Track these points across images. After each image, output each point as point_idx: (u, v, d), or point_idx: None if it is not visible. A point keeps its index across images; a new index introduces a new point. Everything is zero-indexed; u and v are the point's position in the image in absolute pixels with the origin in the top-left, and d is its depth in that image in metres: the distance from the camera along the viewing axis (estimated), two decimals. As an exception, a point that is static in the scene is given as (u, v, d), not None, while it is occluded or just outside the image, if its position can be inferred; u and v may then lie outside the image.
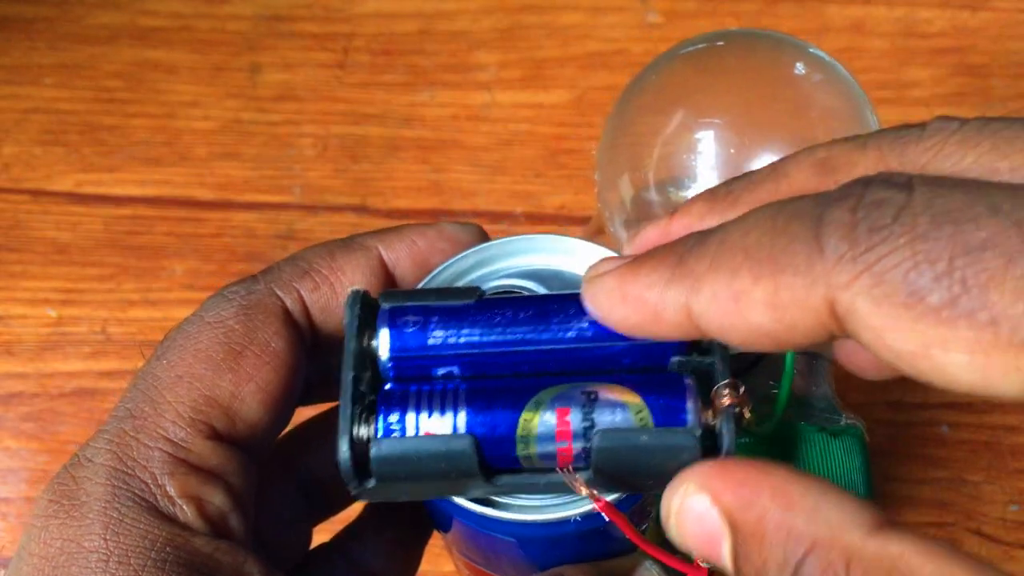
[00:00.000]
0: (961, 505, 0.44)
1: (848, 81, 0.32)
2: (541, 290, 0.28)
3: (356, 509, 0.33)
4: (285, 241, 0.50)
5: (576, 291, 0.24)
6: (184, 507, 0.25)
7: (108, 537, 0.24)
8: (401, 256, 0.29)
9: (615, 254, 0.28)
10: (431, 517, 0.30)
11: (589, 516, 0.25)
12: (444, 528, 0.30)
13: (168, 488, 0.25)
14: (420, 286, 0.28)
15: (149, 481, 0.25)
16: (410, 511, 0.33)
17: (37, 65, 0.55)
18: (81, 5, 0.56)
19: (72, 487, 0.25)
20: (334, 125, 0.53)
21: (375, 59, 0.55)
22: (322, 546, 0.32)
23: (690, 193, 0.31)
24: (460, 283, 0.28)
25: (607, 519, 0.25)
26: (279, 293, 0.27)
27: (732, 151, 0.31)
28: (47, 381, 0.48)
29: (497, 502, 0.26)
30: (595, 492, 0.25)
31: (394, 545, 0.33)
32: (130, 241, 0.50)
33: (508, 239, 0.29)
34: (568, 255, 0.29)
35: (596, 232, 0.42)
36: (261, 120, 0.53)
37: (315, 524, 0.32)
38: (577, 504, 0.25)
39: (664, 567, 0.28)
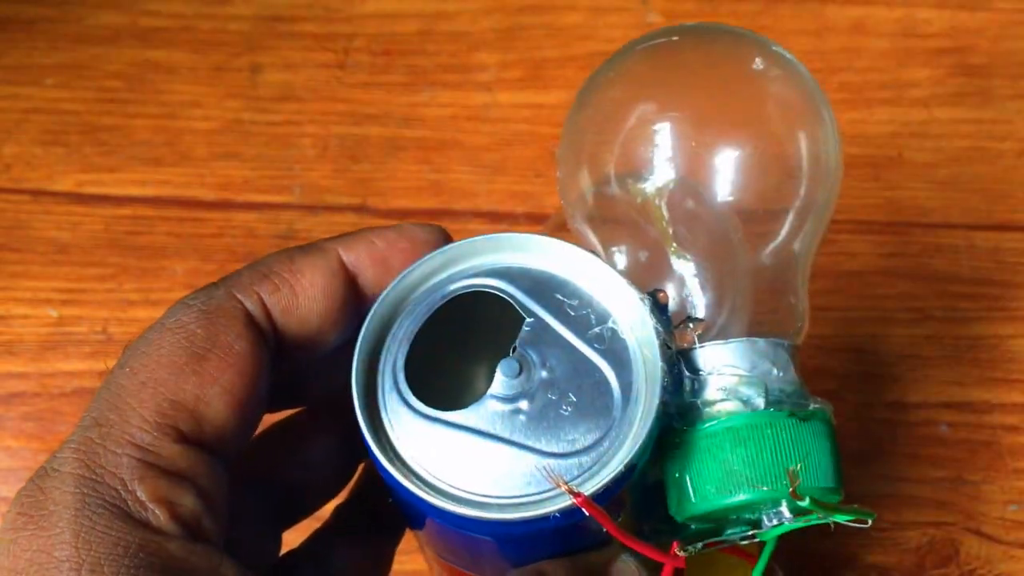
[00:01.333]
0: (960, 505, 0.44)
1: (806, 77, 0.33)
2: (510, 288, 0.28)
3: (326, 512, 0.33)
4: (285, 241, 0.50)
5: None
6: (156, 511, 0.25)
7: (79, 545, 0.24)
8: (360, 257, 0.29)
9: (580, 249, 0.29)
10: (405, 516, 0.30)
11: (568, 512, 0.26)
12: (417, 526, 0.30)
13: (138, 493, 0.25)
14: (390, 287, 0.28)
15: (119, 487, 0.25)
16: (381, 513, 0.33)
17: (38, 65, 0.55)
18: (82, 5, 0.56)
19: (40, 498, 0.25)
20: (334, 125, 0.53)
21: (375, 59, 0.55)
22: (292, 551, 0.32)
23: (648, 186, 0.31)
24: (430, 283, 0.29)
25: (586, 513, 0.25)
26: (239, 296, 0.28)
27: (692, 144, 0.32)
28: (48, 381, 0.48)
29: (474, 501, 0.26)
30: (573, 488, 0.25)
31: (364, 549, 0.33)
32: (131, 241, 0.51)
33: (473, 239, 0.29)
34: (535, 252, 0.29)
35: (557, 229, 0.42)
36: (261, 120, 0.53)
37: (284, 529, 0.32)
38: (555, 500, 0.26)
39: (640, 557, 0.28)
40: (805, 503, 0.26)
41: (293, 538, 0.32)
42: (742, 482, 0.27)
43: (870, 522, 0.28)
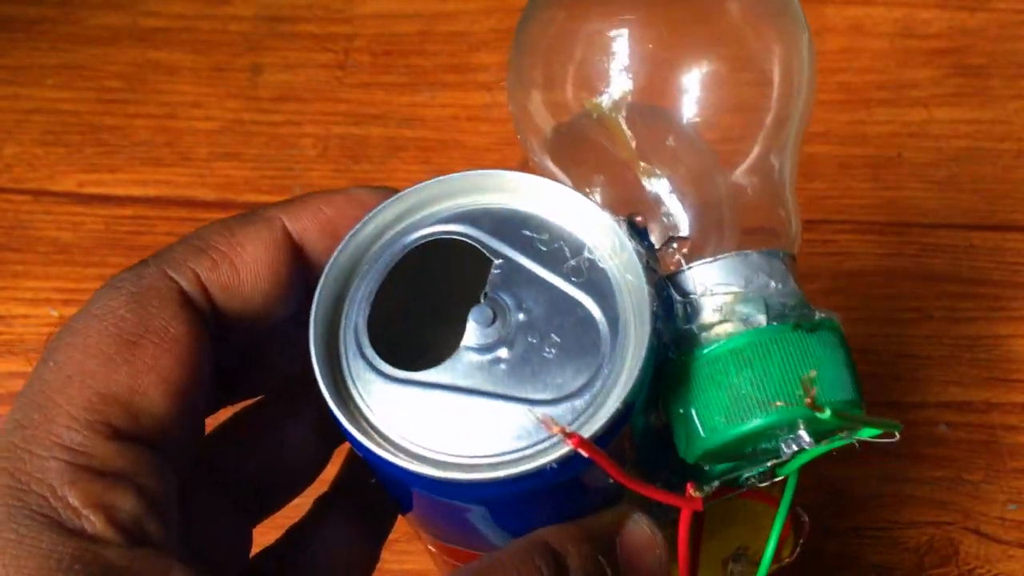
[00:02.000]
0: (960, 504, 0.44)
1: None
2: (472, 231, 0.26)
3: (298, 508, 0.31)
4: (286, 241, 0.50)
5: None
6: (91, 517, 0.22)
7: (7, 563, 0.21)
8: (308, 226, 0.27)
9: (542, 179, 0.26)
10: (391, 496, 0.28)
11: (565, 461, 0.23)
12: (405, 506, 0.28)
13: (70, 499, 0.22)
14: (341, 246, 0.26)
15: (48, 494, 0.22)
16: (366, 503, 0.31)
17: (39, 66, 0.55)
18: (83, 6, 0.56)
19: None
20: (335, 125, 0.53)
21: (376, 60, 0.55)
22: (266, 550, 0.30)
23: (604, 99, 0.29)
24: (385, 238, 0.27)
25: (587, 458, 0.23)
26: (173, 275, 0.25)
27: (649, 50, 0.29)
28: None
29: (460, 464, 0.24)
30: (567, 428, 0.23)
31: (348, 545, 0.31)
32: (132, 241, 0.51)
33: (425, 183, 0.27)
34: (494, 191, 0.27)
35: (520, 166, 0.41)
36: (262, 120, 0.53)
37: (251, 527, 0.30)
38: (550, 451, 0.23)
39: (654, 508, 0.26)
40: (826, 415, 0.23)
41: (269, 536, 0.31)
42: (753, 406, 0.24)
43: (898, 435, 0.25)
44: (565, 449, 0.23)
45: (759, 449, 0.26)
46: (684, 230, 0.28)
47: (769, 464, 0.26)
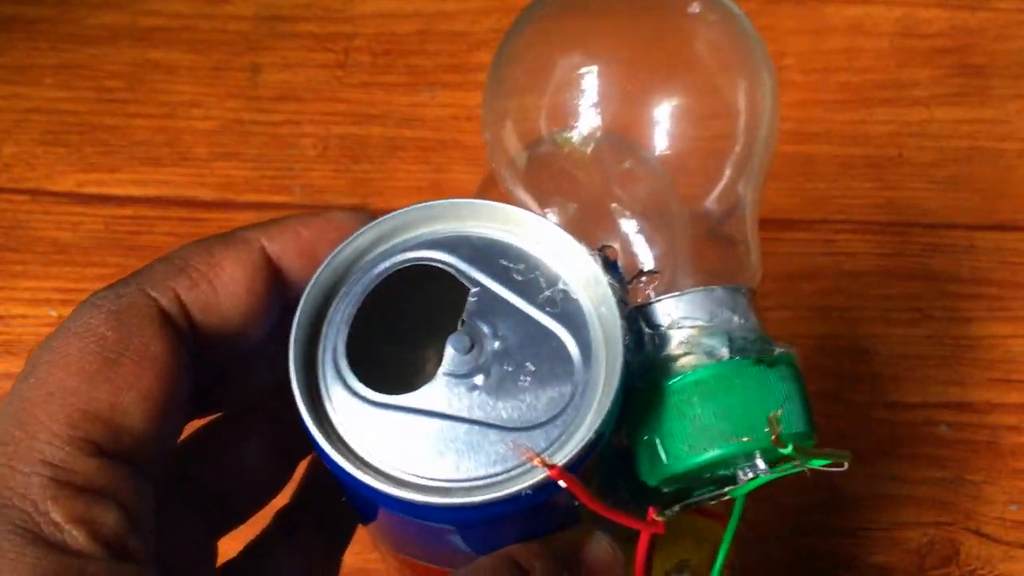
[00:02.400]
0: (961, 505, 0.44)
1: (742, 20, 0.31)
2: (450, 259, 0.27)
3: (263, 518, 0.32)
4: (285, 241, 0.50)
5: None
6: (73, 532, 0.23)
7: None
8: (286, 248, 0.27)
9: (520, 210, 0.27)
10: (359, 512, 0.29)
11: (540, 487, 0.24)
12: (370, 521, 0.28)
13: (52, 514, 0.22)
14: (319, 271, 0.26)
15: (30, 510, 0.22)
16: (328, 514, 0.31)
17: (38, 65, 0.55)
18: (82, 5, 0.56)
19: None
20: (335, 125, 0.53)
21: (376, 59, 0.55)
22: (231, 562, 0.30)
23: (574, 136, 0.30)
24: (364, 261, 0.27)
25: (560, 488, 0.24)
26: (153, 294, 0.25)
27: (619, 89, 0.30)
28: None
29: (437, 487, 0.25)
30: (547, 459, 0.24)
31: (310, 555, 0.31)
32: (131, 241, 0.51)
33: (405, 209, 0.27)
34: (472, 219, 0.27)
35: (485, 189, 0.41)
36: (262, 120, 0.53)
37: (217, 539, 0.30)
38: (525, 477, 0.24)
39: (615, 529, 0.27)
40: (787, 450, 0.25)
41: (233, 547, 0.31)
42: (715, 436, 0.26)
43: (846, 464, 0.27)
44: (540, 476, 0.24)
45: (716, 475, 0.27)
46: (651, 263, 0.29)
47: (724, 488, 0.27)
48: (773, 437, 0.25)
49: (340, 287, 0.27)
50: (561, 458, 0.24)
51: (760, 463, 0.26)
